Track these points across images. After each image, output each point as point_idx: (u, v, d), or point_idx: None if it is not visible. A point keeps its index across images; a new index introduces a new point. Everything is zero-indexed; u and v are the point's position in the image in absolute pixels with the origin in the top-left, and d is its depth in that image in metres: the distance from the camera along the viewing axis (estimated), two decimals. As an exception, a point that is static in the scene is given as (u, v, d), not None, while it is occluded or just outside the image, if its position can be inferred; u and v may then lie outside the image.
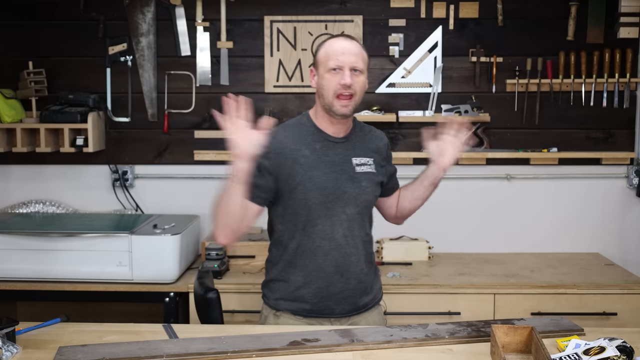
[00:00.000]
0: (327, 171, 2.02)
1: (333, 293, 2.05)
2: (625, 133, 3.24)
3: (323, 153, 2.03)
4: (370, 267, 2.14)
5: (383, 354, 1.77)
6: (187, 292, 2.76)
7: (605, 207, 3.28)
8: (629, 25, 3.09)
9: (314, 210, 2.01)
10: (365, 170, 2.07)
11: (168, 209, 3.27)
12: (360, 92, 1.99)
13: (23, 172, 3.32)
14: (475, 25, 3.21)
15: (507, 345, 1.72)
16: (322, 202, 2.00)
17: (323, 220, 2.02)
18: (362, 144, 2.10)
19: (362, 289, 2.09)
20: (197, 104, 3.27)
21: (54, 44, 3.26)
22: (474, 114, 3.17)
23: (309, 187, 1.99)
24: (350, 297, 2.07)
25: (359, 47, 2.00)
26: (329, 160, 2.03)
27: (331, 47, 1.98)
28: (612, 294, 2.73)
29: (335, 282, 2.04)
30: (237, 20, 3.24)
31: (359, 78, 1.98)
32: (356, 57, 1.97)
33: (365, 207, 2.08)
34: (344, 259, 2.04)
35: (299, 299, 2.06)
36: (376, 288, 2.19)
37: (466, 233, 3.29)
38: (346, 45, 1.97)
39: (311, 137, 2.04)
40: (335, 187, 2.01)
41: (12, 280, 2.78)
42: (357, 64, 1.97)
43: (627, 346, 1.65)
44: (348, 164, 2.04)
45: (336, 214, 2.02)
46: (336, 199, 2.01)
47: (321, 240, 2.02)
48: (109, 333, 1.90)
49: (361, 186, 2.05)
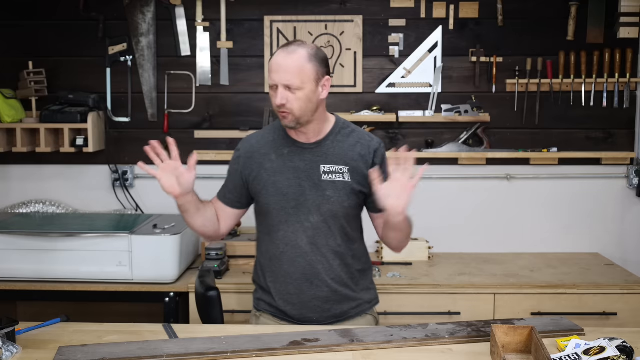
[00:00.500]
0: (291, 177, 1.99)
1: (304, 300, 2.03)
2: (625, 133, 3.24)
3: (289, 159, 2.00)
4: (353, 279, 2.06)
5: (383, 354, 1.77)
6: (187, 292, 2.76)
7: (605, 207, 3.28)
8: (629, 25, 3.09)
9: (275, 216, 2.01)
10: (334, 179, 1.98)
11: (168, 209, 3.25)
12: (299, 107, 1.90)
13: (23, 172, 3.32)
14: (475, 25, 3.21)
15: (507, 345, 1.72)
16: (283, 207, 1.99)
17: (285, 227, 2.01)
18: (337, 151, 2.01)
19: (340, 298, 2.04)
20: (197, 104, 3.27)
21: (54, 43, 3.26)
22: (474, 114, 3.17)
23: (271, 192, 2.00)
24: (324, 305, 2.03)
25: (297, 58, 1.88)
26: (294, 166, 2.00)
27: (272, 62, 1.92)
28: (612, 294, 2.73)
29: (305, 289, 2.02)
30: (237, 20, 3.24)
31: (295, 95, 1.89)
32: (290, 74, 1.87)
33: (330, 216, 1.99)
34: (311, 267, 2.01)
35: (274, 303, 2.06)
36: (364, 299, 2.10)
37: (466, 233, 3.29)
38: (281, 62, 1.89)
39: (281, 142, 2.03)
40: (298, 193, 1.98)
41: (12, 280, 2.78)
42: (291, 81, 1.88)
43: (627, 346, 1.65)
44: (314, 171, 1.99)
45: (299, 221, 1.99)
46: (298, 205, 1.99)
47: (284, 246, 2.02)
48: (109, 333, 1.90)
49: (325, 195, 1.98)
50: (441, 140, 3.24)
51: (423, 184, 3.21)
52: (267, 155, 2.02)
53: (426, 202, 3.23)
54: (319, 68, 1.93)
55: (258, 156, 2.03)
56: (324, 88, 1.96)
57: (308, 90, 1.91)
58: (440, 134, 3.24)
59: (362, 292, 2.11)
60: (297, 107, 1.91)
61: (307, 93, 1.91)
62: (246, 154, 2.06)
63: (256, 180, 2.03)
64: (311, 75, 1.91)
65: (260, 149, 2.04)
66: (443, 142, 3.22)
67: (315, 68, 1.92)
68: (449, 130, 3.24)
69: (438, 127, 3.24)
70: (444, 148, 3.20)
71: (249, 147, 2.06)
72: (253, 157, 2.04)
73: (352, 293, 2.07)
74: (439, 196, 3.26)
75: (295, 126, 1.95)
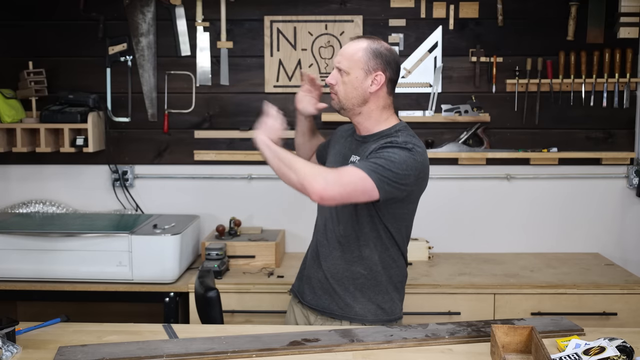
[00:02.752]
0: (334, 161, 2.14)
1: (307, 276, 2.14)
2: (625, 133, 3.24)
3: (344, 145, 2.15)
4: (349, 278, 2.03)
5: (383, 354, 1.77)
6: (187, 292, 2.76)
7: (605, 207, 3.28)
8: (629, 25, 3.09)
9: None
10: None
11: (168, 209, 3.28)
12: (343, 91, 2.00)
13: (23, 172, 3.33)
14: (475, 25, 3.21)
15: (507, 345, 1.72)
16: None
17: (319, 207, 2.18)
18: (371, 147, 1.98)
19: (330, 290, 2.05)
20: (197, 104, 3.27)
21: (53, 43, 3.26)
22: (474, 114, 3.17)
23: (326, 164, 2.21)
24: (317, 289, 2.09)
25: (355, 46, 1.99)
26: (343, 153, 2.13)
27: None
28: (612, 294, 2.73)
29: (309, 264, 2.15)
30: (237, 20, 3.24)
31: (343, 78, 2.00)
32: (343, 57, 2.00)
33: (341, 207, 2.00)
34: (317, 245, 2.13)
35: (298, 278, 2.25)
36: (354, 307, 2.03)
37: (466, 233, 3.29)
38: (344, 47, 2.03)
39: (349, 131, 2.19)
40: None
41: (12, 280, 2.78)
42: (342, 63, 2.00)
43: (627, 346, 1.65)
44: (347, 160, 2.08)
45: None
46: None
47: (319, 218, 2.18)
48: (109, 333, 1.90)
49: None
50: (441, 140, 3.24)
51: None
52: (337, 139, 2.22)
53: (426, 202, 3.21)
54: (372, 60, 1.97)
55: (337, 137, 2.23)
56: (374, 82, 1.98)
57: (353, 77, 1.98)
58: (440, 134, 3.25)
59: (357, 299, 2.04)
60: (342, 90, 2.00)
61: (352, 79, 1.98)
62: (336, 132, 2.28)
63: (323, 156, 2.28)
64: (360, 63, 1.97)
65: (338, 132, 2.26)
66: (443, 142, 3.22)
67: (367, 58, 1.97)
68: (449, 130, 3.24)
69: (438, 127, 3.24)
70: (444, 148, 3.20)
71: (340, 128, 2.27)
72: (335, 136, 2.26)
73: (342, 292, 2.04)
74: (439, 196, 3.26)
75: (339, 110, 2.05)
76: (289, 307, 2.27)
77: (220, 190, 3.29)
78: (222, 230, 3.09)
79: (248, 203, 3.30)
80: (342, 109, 2.04)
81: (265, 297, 2.74)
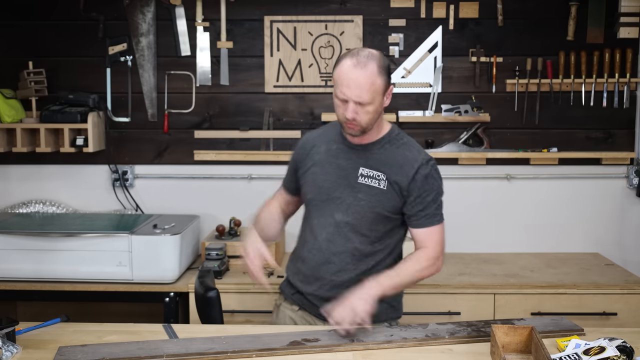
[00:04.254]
0: (330, 172, 2.02)
1: (305, 292, 2.07)
2: (625, 133, 3.24)
3: (334, 155, 2.04)
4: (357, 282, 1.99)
5: (383, 354, 1.77)
6: (187, 292, 2.76)
7: (605, 207, 3.28)
8: (629, 25, 3.09)
9: (309, 206, 2.09)
10: (369, 184, 1.98)
11: (168, 209, 3.27)
12: (367, 120, 1.91)
13: (23, 172, 3.32)
14: (475, 25, 3.21)
15: (507, 345, 1.72)
16: (314, 198, 2.05)
17: (314, 217, 2.06)
18: (380, 157, 1.99)
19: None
20: (197, 104, 3.27)
21: (53, 43, 3.26)
22: (474, 114, 3.17)
23: (309, 182, 2.06)
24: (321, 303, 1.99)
25: (369, 74, 1.85)
26: (337, 163, 2.03)
27: (342, 73, 1.87)
28: (612, 294, 2.73)
29: (310, 282, 2.06)
30: (237, 20, 3.24)
31: (365, 108, 1.88)
32: (361, 89, 1.85)
33: (357, 219, 1.98)
34: (320, 264, 2.03)
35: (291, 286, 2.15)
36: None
37: (466, 233, 3.29)
38: (354, 76, 1.85)
39: (334, 137, 2.07)
40: (331, 189, 2.01)
41: (12, 280, 2.78)
42: (362, 97, 1.85)
43: (627, 346, 1.65)
44: (353, 172, 2.00)
45: (324, 215, 2.02)
46: (328, 200, 2.01)
47: (309, 235, 2.08)
48: (109, 333, 1.90)
49: (357, 197, 1.98)
50: (441, 140, 3.24)
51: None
52: (317, 147, 2.08)
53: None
54: (387, 80, 1.92)
55: (309, 147, 2.10)
56: (388, 97, 1.96)
57: (377, 104, 1.90)
58: (440, 134, 3.24)
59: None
60: (366, 119, 1.91)
61: (376, 106, 1.91)
62: (303, 144, 2.14)
63: (301, 169, 2.11)
64: (380, 90, 1.90)
65: (315, 141, 2.11)
66: (443, 142, 3.22)
67: (384, 81, 1.90)
68: (449, 130, 3.24)
69: (438, 127, 3.24)
70: (444, 148, 3.20)
71: (307, 138, 2.14)
72: (306, 147, 2.11)
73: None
74: (439, 196, 3.26)
75: (360, 135, 1.96)
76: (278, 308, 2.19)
77: (220, 190, 3.29)
78: (222, 230, 3.09)
79: (248, 203, 3.27)
80: (363, 133, 1.95)
81: (265, 297, 2.74)
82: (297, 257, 2.14)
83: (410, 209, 1.99)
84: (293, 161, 2.16)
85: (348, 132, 1.96)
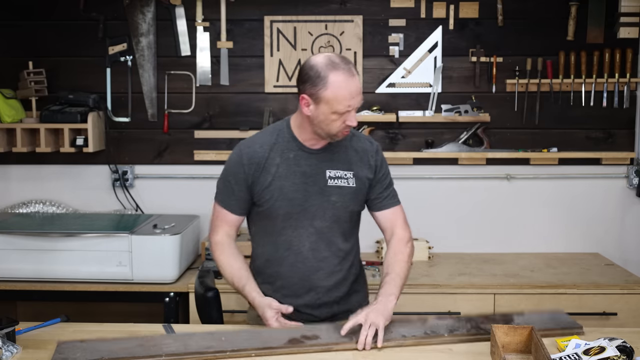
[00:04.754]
0: (297, 182, 1.98)
1: (301, 305, 2.02)
2: (625, 133, 3.24)
3: (295, 163, 1.98)
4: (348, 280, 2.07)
5: (383, 353, 1.77)
6: (187, 292, 2.76)
7: (605, 207, 3.28)
8: (629, 25, 3.09)
9: (280, 220, 2.00)
10: (339, 184, 1.99)
11: (168, 209, 3.27)
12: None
13: (23, 172, 3.32)
14: (475, 25, 3.21)
15: (507, 345, 1.72)
16: (288, 212, 1.98)
17: (289, 231, 2.00)
18: (341, 155, 2.02)
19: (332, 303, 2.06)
20: (197, 104, 3.27)
21: (53, 43, 3.26)
22: (474, 114, 3.17)
23: (277, 197, 1.97)
24: (314, 311, 2.04)
25: (357, 76, 1.89)
26: (301, 171, 1.98)
27: (341, 90, 1.84)
28: (612, 294, 2.73)
29: (302, 294, 2.02)
30: (237, 20, 3.24)
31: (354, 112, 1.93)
32: (360, 94, 1.89)
33: (334, 221, 2.00)
34: (309, 273, 2.02)
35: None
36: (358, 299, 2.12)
37: (466, 233, 3.29)
38: (354, 87, 1.86)
39: (285, 145, 2.00)
40: (304, 198, 1.98)
41: (12, 280, 2.78)
42: (360, 102, 1.91)
43: (627, 346, 1.65)
44: (320, 176, 1.99)
45: (303, 226, 1.99)
46: (303, 210, 1.98)
47: (285, 250, 2.02)
48: (109, 333, 1.90)
49: (330, 200, 1.98)
50: (441, 140, 3.24)
51: (423, 184, 3.25)
52: (272, 159, 1.98)
53: (426, 202, 3.23)
54: None
55: (262, 160, 1.98)
56: None
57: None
58: (440, 134, 3.24)
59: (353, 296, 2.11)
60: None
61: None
62: (250, 158, 1.98)
63: (260, 185, 1.98)
64: None
65: (263, 153, 1.98)
66: (443, 142, 3.22)
67: None
68: (449, 130, 3.24)
69: (438, 127, 3.24)
70: (444, 148, 3.20)
71: (252, 153, 1.99)
72: (256, 161, 1.98)
73: (346, 297, 2.08)
74: (439, 196, 3.26)
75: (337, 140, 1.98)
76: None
77: (220, 190, 3.29)
78: (222, 230, 3.08)
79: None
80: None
81: (265, 297, 2.73)
82: (271, 275, 2.05)
83: (374, 192, 2.06)
84: (241, 179, 1.99)
85: (340, 139, 1.97)
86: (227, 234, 2.07)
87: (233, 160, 2.02)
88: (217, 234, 2.07)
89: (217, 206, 2.07)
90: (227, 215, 2.05)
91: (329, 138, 1.96)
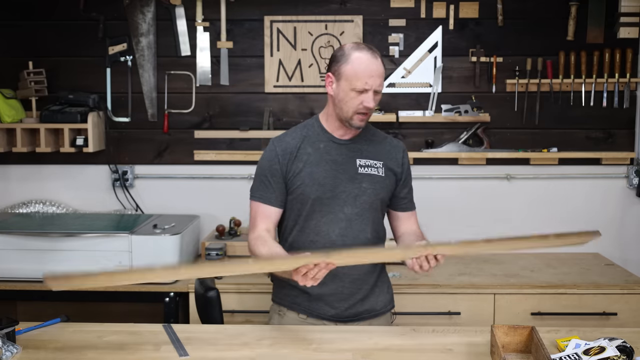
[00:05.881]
0: (328, 169, 2.03)
1: (325, 294, 2.03)
2: (625, 133, 3.24)
3: (326, 152, 2.04)
4: (374, 273, 2.10)
5: (383, 354, 1.77)
6: (187, 292, 2.75)
7: (605, 207, 3.28)
8: (629, 25, 3.09)
9: (310, 205, 2.02)
10: (370, 172, 2.05)
11: (168, 209, 3.27)
12: (374, 107, 2.01)
13: (23, 172, 3.32)
14: (475, 25, 3.21)
15: (507, 345, 1.72)
16: (319, 197, 2.01)
17: (318, 216, 2.03)
18: (370, 147, 2.09)
19: (363, 295, 2.07)
20: (197, 104, 3.27)
21: (53, 43, 3.26)
22: (474, 114, 3.17)
23: (308, 182, 2.02)
24: (346, 301, 2.05)
25: (381, 64, 1.97)
26: (331, 159, 2.04)
27: (360, 66, 1.93)
28: (612, 294, 2.73)
29: (328, 281, 1.97)
30: (237, 20, 3.24)
31: (377, 97, 1.99)
32: (380, 78, 1.96)
33: (365, 208, 2.04)
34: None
35: (296, 295, 2.07)
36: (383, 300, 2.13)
37: (466, 233, 3.28)
38: (374, 67, 1.94)
39: (316, 137, 2.07)
40: (334, 185, 2.02)
41: (12, 280, 2.78)
42: (380, 86, 1.97)
43: (627, 346, 1.65)
44: (351, 164, 2.04)
45: (333, 211, 2.02)
46: (334, 196, 2.01)
47: (315, 235, 2.03)
48: (109, 333, 1.90)
49: (361, 187, 2.03)
50: (441, 140, 3.24)
51: (423, 184, 3.25)
52: (303, 149, 2.05)
53: (426, 202, 3.22)
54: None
55: (295, 150, 2.05)
56: None
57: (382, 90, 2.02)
58: (440, 134, 3.24)
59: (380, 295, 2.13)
60: (373, 108, 2.00)
61: (380, 96, 2.02)
62: (283, 150, 2.05)
63: (293, 172, 2.03)
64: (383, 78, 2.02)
65: (295, 143, 2.05)
66: (443, 142, 3.22)
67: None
68: (449, 130, 3.24)
69: (438, 127, 3.24)
70: (444, 148, 3.20)
71: (285, 144, 2.06)
72: (289, 151, 2.05)
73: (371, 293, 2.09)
74: (439, 196, 3.26)
75: (364, 126, 2.03)
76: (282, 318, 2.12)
77: (220, 190, 3.29)
78: (222, 230, 3.09)
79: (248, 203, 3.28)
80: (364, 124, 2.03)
81: (265, 297, 2.73)
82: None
83: (400, 191, 2.13)
84: (276, 170, 2.04)
85: (357, 125, 2.00)
86: (266, 229, 2.05)
87: (267, 155, 2.07)
88: (255, 230, 2.05)
89: (255, 203, 2.08)
90: (266, 209, 2.06)
91: (347, 123, 2.00)
